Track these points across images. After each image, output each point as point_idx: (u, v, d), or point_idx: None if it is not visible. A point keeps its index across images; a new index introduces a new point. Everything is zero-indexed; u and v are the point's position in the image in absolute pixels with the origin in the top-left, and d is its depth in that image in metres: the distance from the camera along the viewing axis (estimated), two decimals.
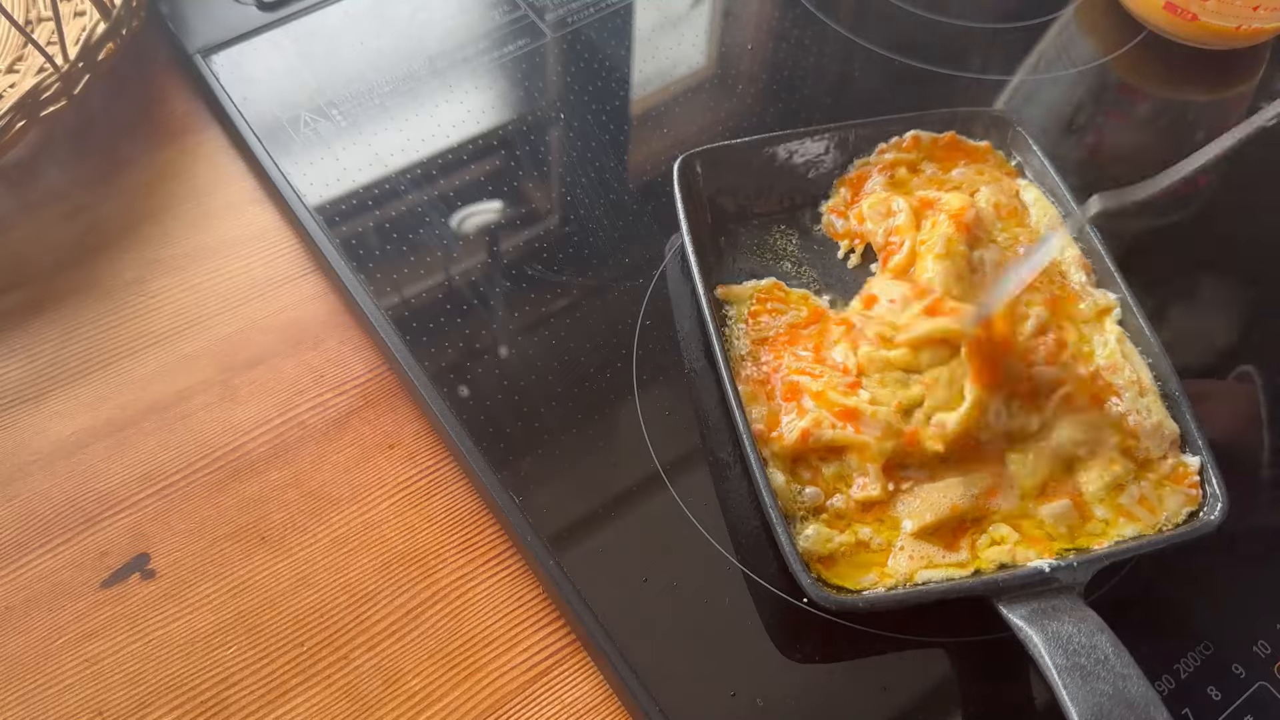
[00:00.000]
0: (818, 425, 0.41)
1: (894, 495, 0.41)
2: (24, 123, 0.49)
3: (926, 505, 0.40)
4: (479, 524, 0.44)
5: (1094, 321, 0.45)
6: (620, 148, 0.54)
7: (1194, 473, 0.41)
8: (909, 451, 0.41)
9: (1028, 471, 0.41)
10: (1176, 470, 0.41)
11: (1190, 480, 0.41)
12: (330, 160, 0.52)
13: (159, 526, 0.43)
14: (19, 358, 0.47)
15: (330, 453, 0.45)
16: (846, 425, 0.41)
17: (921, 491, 0.40)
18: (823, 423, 0.41)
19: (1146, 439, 0.42)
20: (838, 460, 0.41)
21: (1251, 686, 0.39)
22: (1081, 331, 0.45)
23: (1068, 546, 0.39)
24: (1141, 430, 0.42)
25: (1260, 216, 0.54)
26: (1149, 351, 0.44)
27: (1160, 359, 0.43)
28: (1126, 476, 0.41)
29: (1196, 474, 0.41)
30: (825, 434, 0.41)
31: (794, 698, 0.38)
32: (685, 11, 0.61)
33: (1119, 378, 0.43)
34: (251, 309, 0.49)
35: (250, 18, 0.57)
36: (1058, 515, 0.40)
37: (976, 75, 0.59)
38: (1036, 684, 0.39)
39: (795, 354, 0.44)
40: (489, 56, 0.57)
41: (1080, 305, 0.45)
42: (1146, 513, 0.40)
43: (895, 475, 0.41)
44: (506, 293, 0.48)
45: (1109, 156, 0.57)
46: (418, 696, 0.39)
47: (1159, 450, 0.42)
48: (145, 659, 0.40)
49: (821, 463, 0.41)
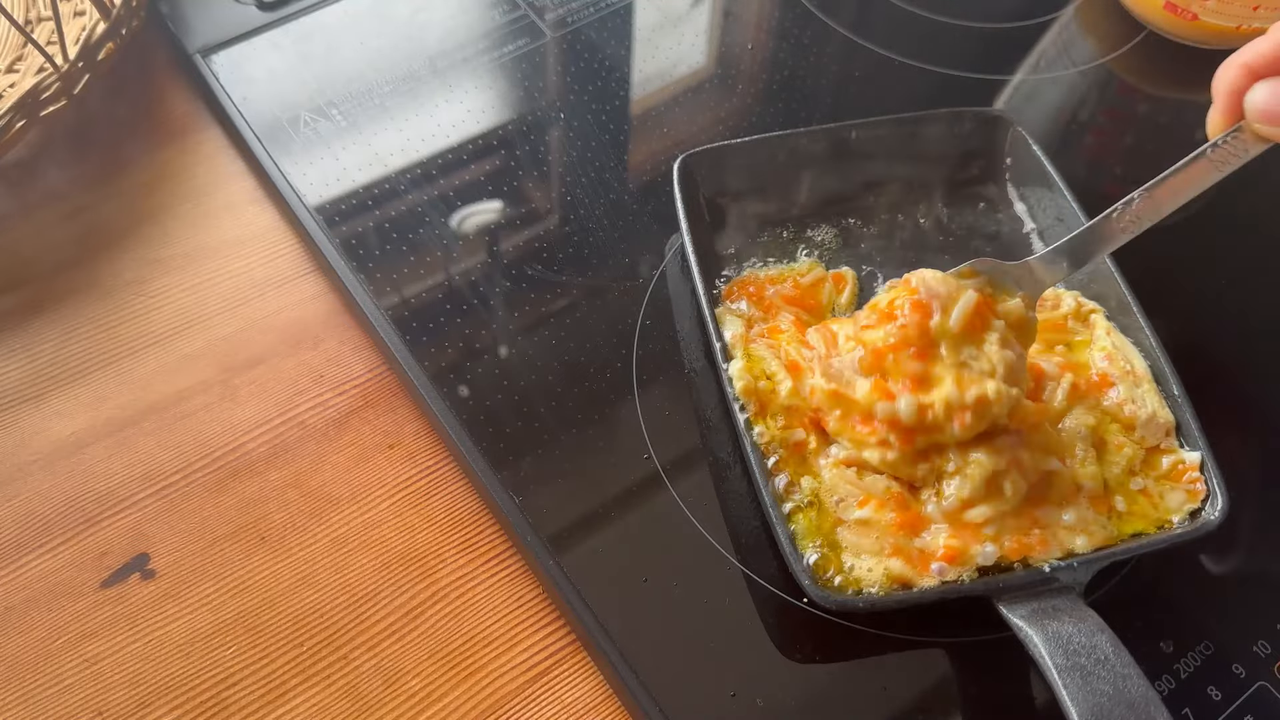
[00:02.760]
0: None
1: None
2: (24, 123, 0.49)
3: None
4: (479, 524, 0.44)
5: (1077, 320, 0.46)
6: (620, 148, 0.54)
7: (1193, 468, 0.41)
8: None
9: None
10: (1176, 467, 0.41)
11: (1190, 477, 0.41)
12: (330, 160, 0.52)
13: (159, 526, 0.43)
14: (19, 358, 0.47)
15: (330, 453, 0.45)
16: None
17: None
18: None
19: (1142, 428, 0.42)
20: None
21: (1251, 686, 0.39)
22: (1067, 328, 0.45)
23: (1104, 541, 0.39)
24: (1137, 420, 0.42)
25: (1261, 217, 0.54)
26: (1150, 354, 0.44)
27: (1160, 360, 0.43)
28: (1136, 459, 0.41)
29: (1197, 470, 0.41)
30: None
31: (794, 698, 0.38)
32: (685, 11, 0.61)
33: (1114, 368, 0.43)
34: (251, 309, 0.49)
35: (250, 18, 0.57)
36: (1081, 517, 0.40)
37: (976, 75, 0.59)
38: (1036, 684, 0.39)
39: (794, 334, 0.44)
40: (489, 56, 0.57)
41: (1060, 308, 0.46)
42: (1149, 507, 0.40)
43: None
44: (506, 293, 0.48)
45: (1109, 156, 0.57)
46: (418, 696, 0.39)
47: (1154, 439, 0.42)
48: (145, 659, 0.40)
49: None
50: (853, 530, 0.39)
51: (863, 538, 0.39)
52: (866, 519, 0.39)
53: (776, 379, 0.42)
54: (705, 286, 0.44)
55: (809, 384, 0.41)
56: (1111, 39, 0.61)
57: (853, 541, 0.39)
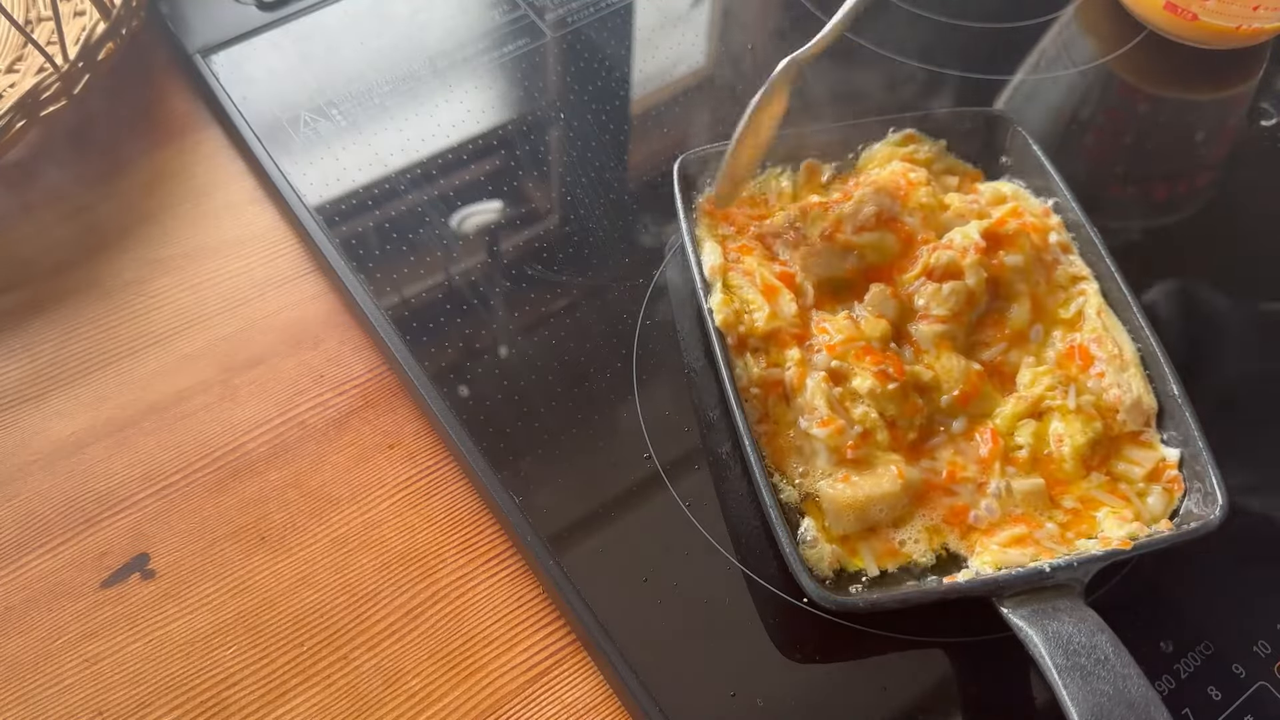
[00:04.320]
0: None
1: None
2: (24, 123, 0.49)
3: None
4: (479, 524, 0.43)
5: (1069, 288, 0.46)
6: (620, 148, 0.54)
7: (1172, 466, 0.41)
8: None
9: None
10: (1158, 466, 0.41)
11: (1169, 476, 0.41)
12: (330, 160, 0.52)
13: (159, 526, 0.43)
14: (19, 358, 0.47)
15: (330, 453, 0.45)
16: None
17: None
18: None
19: (1125, 413, 0.42)
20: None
21: (1251, 686, 0.39)
22: (1057, 297, 0.46)
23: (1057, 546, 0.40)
24: (1121, 404, 0.42)
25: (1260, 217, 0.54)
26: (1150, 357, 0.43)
27: (1160, 360, 0.43)
28: (1102, 436, 0.42)
29: (1176, 468, 0.41)
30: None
31: (794, 698, 0.38)
32: (685, 11, 0.61)
33: (1101, 350, 0.43)
34: (251, 309, 0.49)
35: (250, 18, 0.57)
36: (1028, 492, 0.40)
37: (976, 75, 0.59)
38: (1036, 684, 0.39)
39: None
40: (489, 56, 0.57)
41: (1054, 273, 0.46)
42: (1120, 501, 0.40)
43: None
44: (506, 293, 0.48)
45: (1109, 156, 0.57)
46: (418, 696, 0.39)
47: (1135, 424, 0.42)
48: (145, 659, 0.40)
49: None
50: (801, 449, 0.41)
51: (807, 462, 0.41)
52: (820, 438, 0.40)
53: (754, 305, 0.43)
54: (705, 286, 0.44)
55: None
56: (1111, 39, 0.61)
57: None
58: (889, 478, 0.40)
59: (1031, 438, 0.42)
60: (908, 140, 0.50)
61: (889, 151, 0.50)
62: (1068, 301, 0.46)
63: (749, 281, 0.44)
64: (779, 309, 0.43)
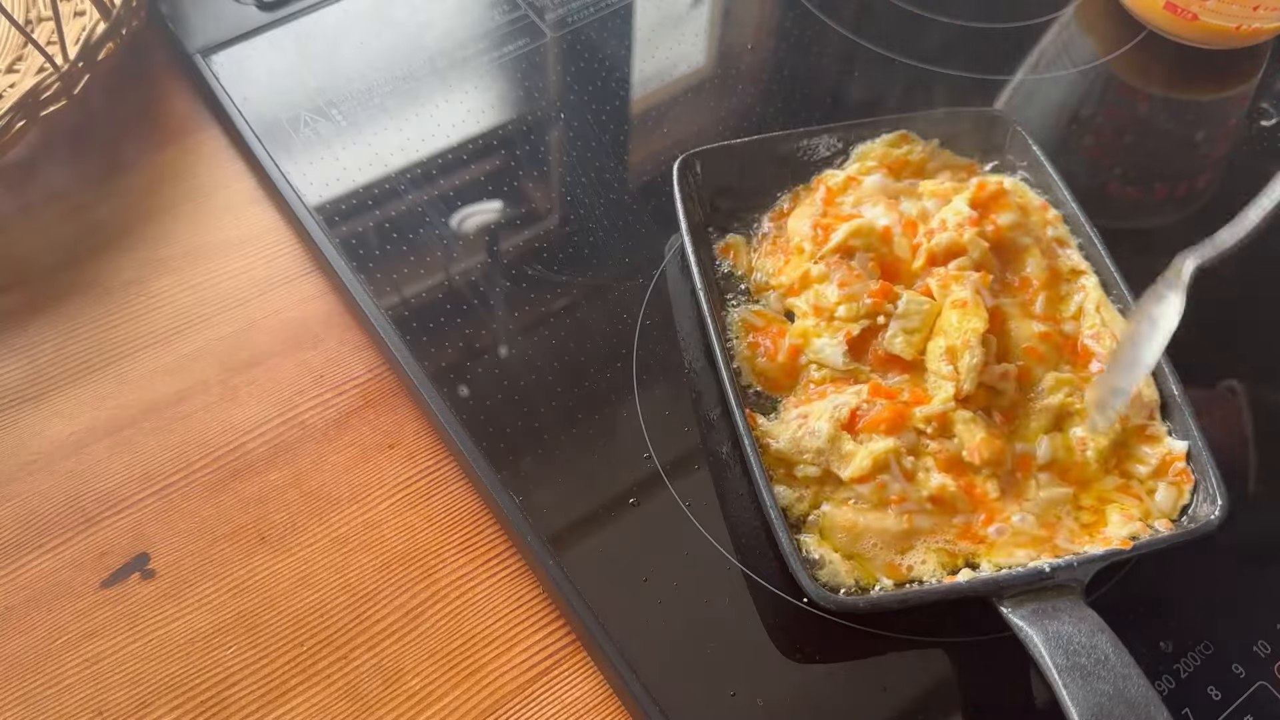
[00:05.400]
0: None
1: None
2: (24, 123, 0.49)
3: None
4: (479, 524, 0.44)
5: (1072, 280, 0.46)
6: (620, 148, 0.54)
7: (1179, 458, 0.41)
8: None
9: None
10: (1165, 460, 0.41)
11: (1177, 469, 0.41)
12: (330, 160, 0.52)
13: (159, 526, 0.43)
14: (19, 358, 0.47)
15: (330, 453, 0.45)
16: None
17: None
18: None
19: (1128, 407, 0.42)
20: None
21: (1251, 686, 0.39)
22: (1059, 290, 0.46)
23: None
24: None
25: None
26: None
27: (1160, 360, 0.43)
28: (1121, 436, 0.42)
29: (1184, 460, 0.41)
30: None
31: (794, 698, 0.38)
32: (685, 11, 0.61)
33: (1100, 346, 0.44)
34: (251, 309, 0.49)
35: (250, 18, 0.57)
36: (1053, 500, 0.40)
37: (976, 75, 0.59)
38: (1036, 684, 0.39)
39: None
40: (489, 56, 0.57)
41: (1056, 261, 0.47)
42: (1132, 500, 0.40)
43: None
44: (506, 293, 0.48)
45: (1109, 156, 0.57)
46: (418, 696, 0.39)
47: (1139, 418, 0.42)
48: (145, 659, 0.40)
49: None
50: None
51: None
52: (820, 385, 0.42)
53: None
54: (705, 286, 0.44)
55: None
56: (1111, 39, 0.61)
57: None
58: (894, 520, 0.40)
59: (1061, 450, 0.42)
60: (901, 141, 0.50)
61: (882, 151, 0.50)
62: (1069, 296, 0.46)
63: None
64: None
